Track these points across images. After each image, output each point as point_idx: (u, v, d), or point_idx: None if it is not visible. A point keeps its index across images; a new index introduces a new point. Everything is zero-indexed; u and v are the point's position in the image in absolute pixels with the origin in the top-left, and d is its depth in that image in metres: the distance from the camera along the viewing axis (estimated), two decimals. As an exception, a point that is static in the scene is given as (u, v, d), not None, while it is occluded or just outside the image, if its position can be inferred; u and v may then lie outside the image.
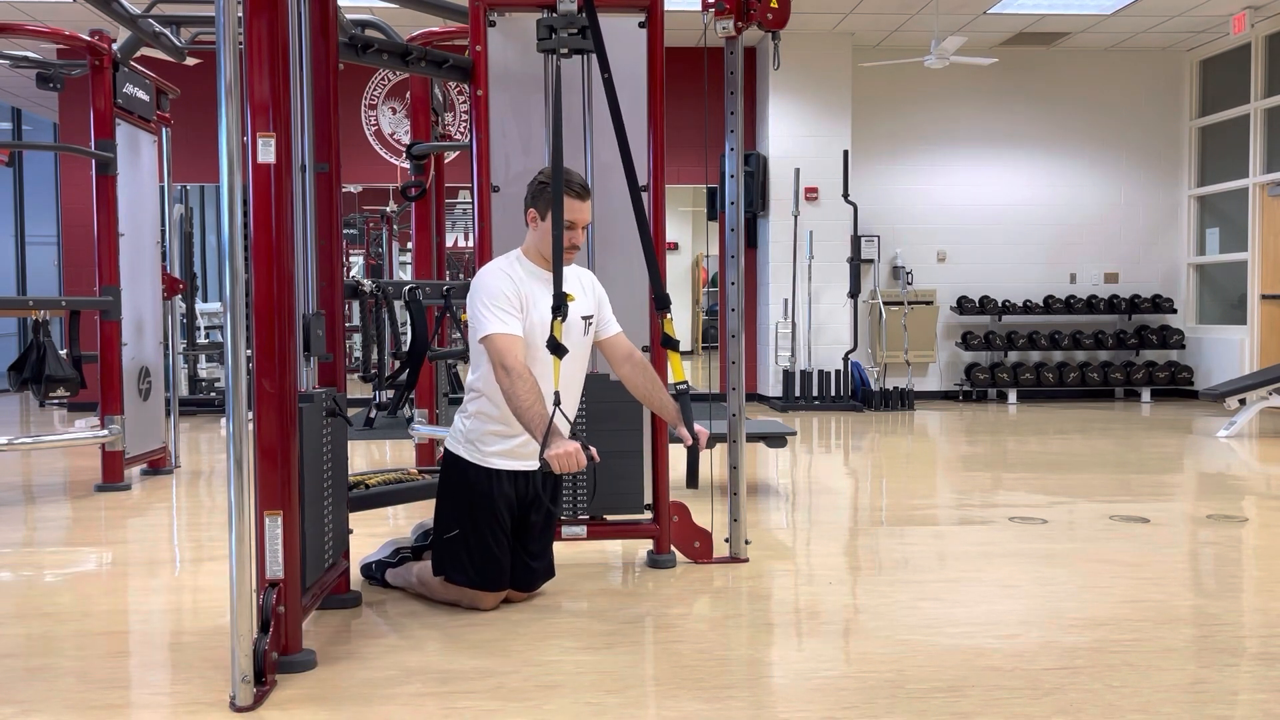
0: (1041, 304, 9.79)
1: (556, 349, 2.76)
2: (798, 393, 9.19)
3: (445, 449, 3.04)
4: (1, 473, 5.82)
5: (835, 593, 3.27)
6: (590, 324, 3.07)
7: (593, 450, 2.67)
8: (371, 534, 3.81)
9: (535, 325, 2.89)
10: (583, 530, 3.47)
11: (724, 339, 3.65)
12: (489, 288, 2.87)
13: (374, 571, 3.30)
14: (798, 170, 9.32)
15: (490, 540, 2.95)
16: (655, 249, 3.22)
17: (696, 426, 3.07)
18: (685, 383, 3.10)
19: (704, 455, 3.24)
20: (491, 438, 2.95)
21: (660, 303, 3.17)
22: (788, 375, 9.25)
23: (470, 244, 4.45)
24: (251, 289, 2.41)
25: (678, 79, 4.38)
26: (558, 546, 3.26)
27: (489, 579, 2.97)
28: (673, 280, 3.31)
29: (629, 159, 3.13)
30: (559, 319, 2.77)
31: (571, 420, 2.94)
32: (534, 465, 2.94)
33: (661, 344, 3.22)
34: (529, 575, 3.09)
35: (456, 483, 2.99)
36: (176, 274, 6.08)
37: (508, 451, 2.96)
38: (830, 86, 9.37)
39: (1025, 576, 3.44)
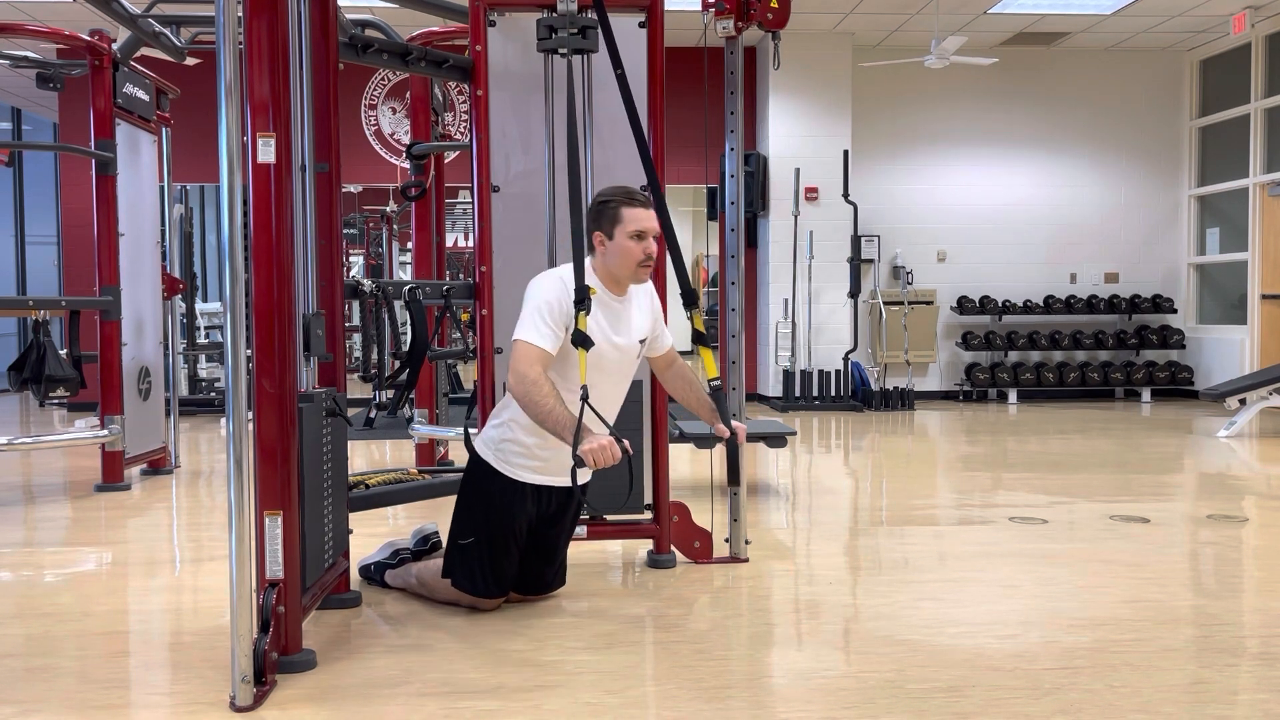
0: (1042, 304, 9.79)
1: (583, 341, 2.73)
2: (798, 393, 9.19)
3: (473, 451, 2.99)
4: (1, 473, 5.82)
5: (835, 593, 3.27)
6: (644, 345, 3.04)
7: (626, 443, 2.64)
8: (371, 534, 3.81)
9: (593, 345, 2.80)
10: (583, 530, 3.47)
11: (724, 339, 3.65)
12: (544, 296, 2.79)
13: (373, 573, 3.30)
14: (798, 170, 9.32)
15: (502, 554, 2.93)
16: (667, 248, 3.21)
17: (734, 422, 3.04)
18: (718, 379, 3.07)
19: (706, 455, 3.23)
20: (519, 448, 2.89)
21: (688, 300, 3.13)
22: (788, 375, 9.25)
23: (470, 244, 4.45)
24: (251, 289, 2.41)
25: (678, 79, 4.38)
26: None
27: (494, 589, 2.97)
28: (674, 280, 3.29)
29: (647, 154, 3.13)
30: (582, 311, 2.76)
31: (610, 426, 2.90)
32: (560, 481, 2.90)
33: (693, 340, 3.14)
34: (540, 583, 3.09)
35: (479, 489, 2.93)
36: (176, 274, 6.08)
37: (535, 465, 2.89)
38: (830, 86, 9.37)
39: (1025, 576, 3.44)
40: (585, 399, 2.66)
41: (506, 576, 2.97)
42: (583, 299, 2.77)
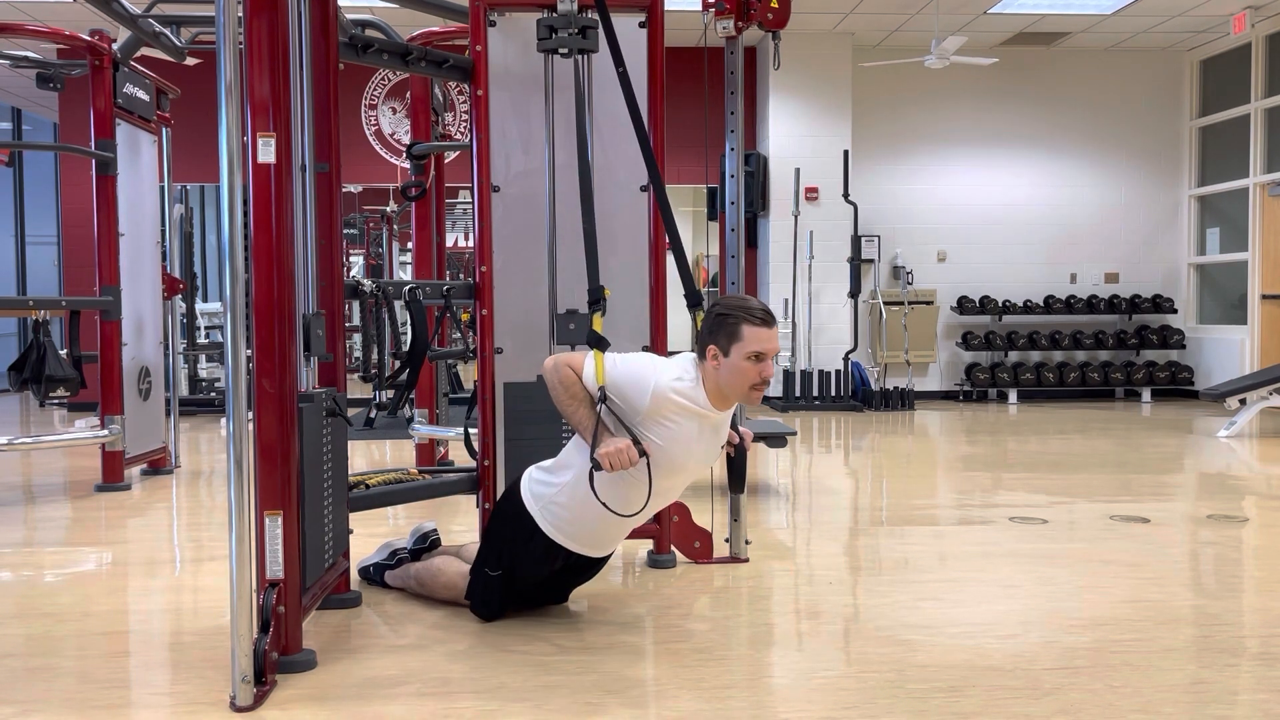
0: (1042, 304, 9.79)
1: (598, 342, 2.72)
2: (798, 393, 9.19)
3: (519, 490, 2.88)
4: (1, 473, 5.82)
5: (835, 593, 3.26)
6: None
7: (645, 445, 2.62)
8: (371, 534, 3.81)
9: (665, 449, 2.66)
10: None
11: (724, 339, 3.64)
12: (647, 377, 2.65)
13: (372, 574, 3.30)
14: (798, 170, 9.32)
15: (519, 592, 2.93)
16: (670, 247, 3.20)
17: (740, 428, 3.02)
18: None
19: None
20: (570, 520, 2.80)
21: (692, 301, 3.10)
22: (788, 375, 9.24)
23: (470, 244, 4.45)
24: (251, 289, 2.41)
25: (678, 79, 4.39)
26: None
27: (502, 614, 2.97)
28: (674, 280, 3.30)
29: (650, 153, 3.13)
30: (598, 313, 2.74)
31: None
32: (596, 553, 2.87)
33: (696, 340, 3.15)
34: (542, 604, 3.08)
35: (516, 536, 2.85)
36: (176, 274, 6.08)
37: (578, 537, 2.82)
38: (830, 86, 9.37)
39: (1025, 576, 3.44)
40: (603, 400, 2.66)
41: (513, 606, 2.98)
42: (597, 300, 2.77)
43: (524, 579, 2.90)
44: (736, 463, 3.08)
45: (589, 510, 2.72)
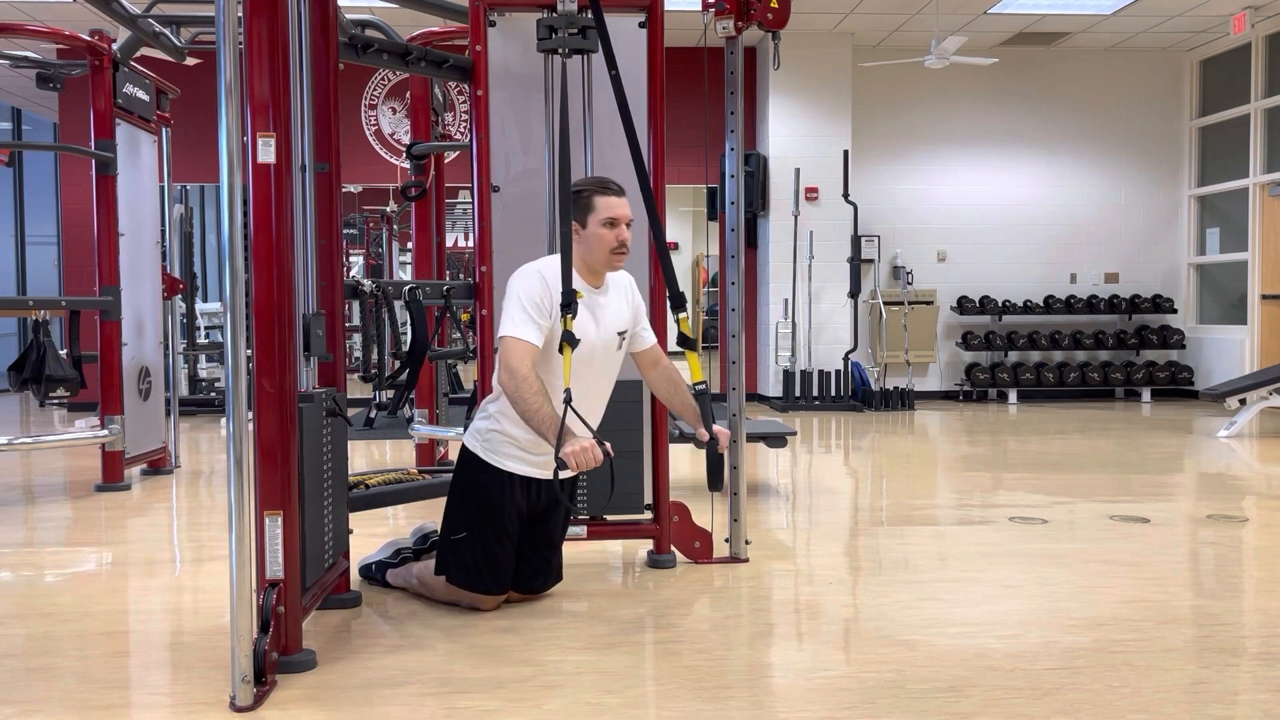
0: (1042, 304, 9.79)
1: (569, 340, 2.74)
2: (798, 393, 9.19)
3: (462, 445, 3.01)
4: (1, 473, 5.82)
5: (835, 593, 3.27)
6: (624, 338, 3.04)
7: (608, 445, 2.66)
8: (371, 534, 3.81)
9: (559, 335, 2.82)
10: (583, 530, 3.47)
11: (724, 339, 3.65)
12: (524, 289, 2.81)
13: (374, 572, 3.30)
14: (798, 170, 9.32)
15: (496, 546, 2.93)
16: (656, 249, 3.22)
17: (716, 427, 3.03)
18: (704, 383, 3.06)
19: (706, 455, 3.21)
20: (508, 440, 2.91)
21: (675, 303, 3.13)
22: (788, 375, 9.25)
23: (470, 244, 4.46)
24: (251, 289, 2.41)
25: (678, 79, 4.38)
26: (558, 546, 3.25)
27: (491, 584, 2.96)
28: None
29: (638, 154, 3.12)
30: (569, 314, 2.76)
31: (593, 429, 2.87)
32: (548, 474, 2.90)
33: (678, 343, 3.15)
34: (535, 578, 3.08)
35: (469, 483, 2.95)
36: (176, 274, 6.08)
37: (523, 456, 2.92)
38: (830, 86, 9.38)
39: (1025, 576, 3.44)
40: (568, 401, 2.67)
41: (503, 570, 2.97)
42: (569, 302, 2.77)
43: (493, 528, 2.90)
44: (711, 461, 3.08)
45: (527, 427, 2.79)
